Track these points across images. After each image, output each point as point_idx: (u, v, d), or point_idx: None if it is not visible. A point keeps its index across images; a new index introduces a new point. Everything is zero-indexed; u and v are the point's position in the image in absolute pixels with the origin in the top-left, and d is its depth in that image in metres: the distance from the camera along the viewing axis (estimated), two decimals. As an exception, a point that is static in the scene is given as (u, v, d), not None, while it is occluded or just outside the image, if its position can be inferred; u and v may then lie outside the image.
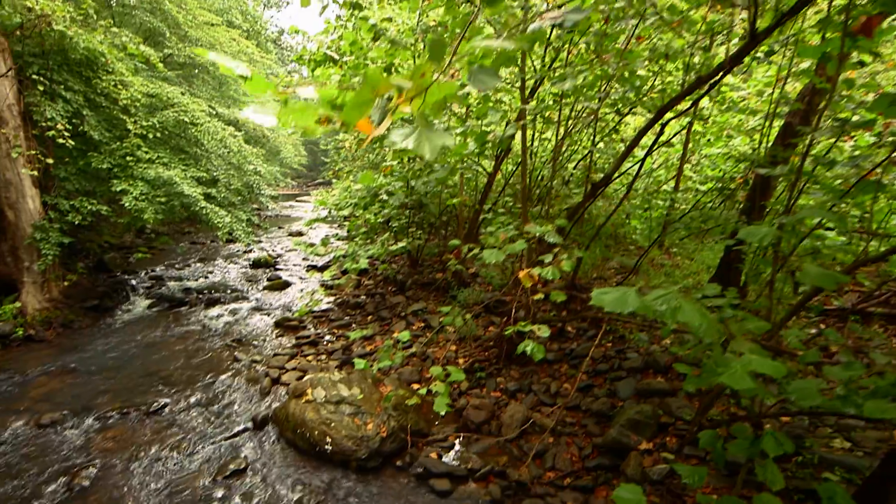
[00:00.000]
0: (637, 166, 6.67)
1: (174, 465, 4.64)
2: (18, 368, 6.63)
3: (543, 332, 2.73)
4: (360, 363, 3.66)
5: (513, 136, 3.47)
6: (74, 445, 4.90)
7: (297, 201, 32.33)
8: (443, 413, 3.23)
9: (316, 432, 4.81)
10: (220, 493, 4.26)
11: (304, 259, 13.78)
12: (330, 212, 8.97)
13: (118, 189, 8.33)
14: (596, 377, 5.56)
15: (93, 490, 4.27)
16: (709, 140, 8.75)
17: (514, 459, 4.68)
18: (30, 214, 7.82)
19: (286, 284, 11.07)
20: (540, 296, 3.40)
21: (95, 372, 6.58)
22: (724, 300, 2.68)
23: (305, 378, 5.49)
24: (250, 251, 14.49)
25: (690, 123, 7.54)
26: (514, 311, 3.51)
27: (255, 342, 7.75)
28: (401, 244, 6.33)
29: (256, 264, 12.73)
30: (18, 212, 7.72)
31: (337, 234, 11.08)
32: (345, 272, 11.65)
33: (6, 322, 7.59)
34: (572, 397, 5.32)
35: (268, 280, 11.36)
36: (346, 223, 9.72)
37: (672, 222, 5.74)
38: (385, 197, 6.17)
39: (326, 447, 4.72)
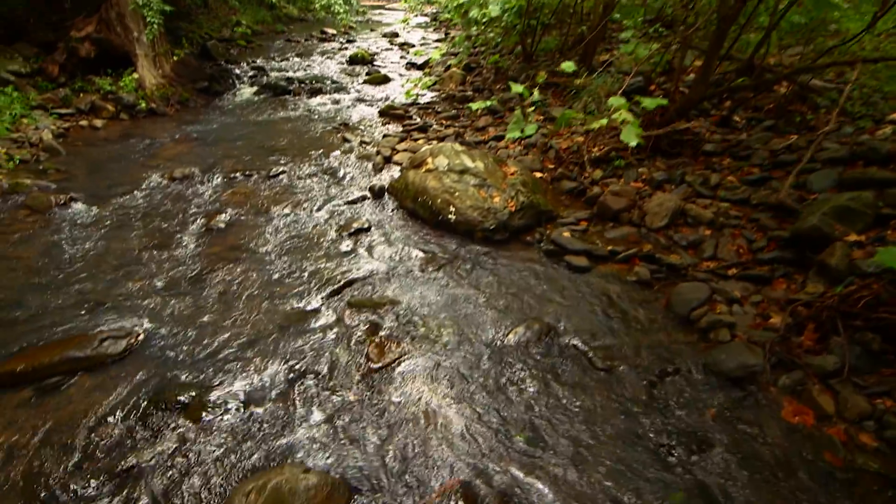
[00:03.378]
0: None
1: (299, 219, 4.61)
2: (146, 135, 6.84)
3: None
4: (516, 87, 2.91)
5: None
6: (206, 196, 5.02)
7: (385, 9, 29.54)
8: (633, 144, 2.53)
9: (438, 200, 4.44)
10: (345, 246, 4.18)
11: (401, 57, 12.64)
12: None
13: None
14: (774, 170, 4.48)
15: (228, 232, 4.38)
16: None
17: (662, 248, 4.06)
18: (127, -26, 7.28)
19: (386, 79, 10.24)
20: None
21: (215, 142, 6.62)
22: None
23: (424, 148, 4.99)
24: (346, 48, 13.51)
25: None
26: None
27: (362, 127, 7.34)
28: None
29: (353, 60, 11.85)
30: (115, -30, 7.19)
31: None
32: (448, 68, 10.51)
33: (129, 93, 7.74)
34: (740, 190, 4.39)
35: (367, 74, 10.59)
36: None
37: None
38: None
39: (450, 216, 4.37)
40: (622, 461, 2.39)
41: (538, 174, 5.47)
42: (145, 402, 2.59)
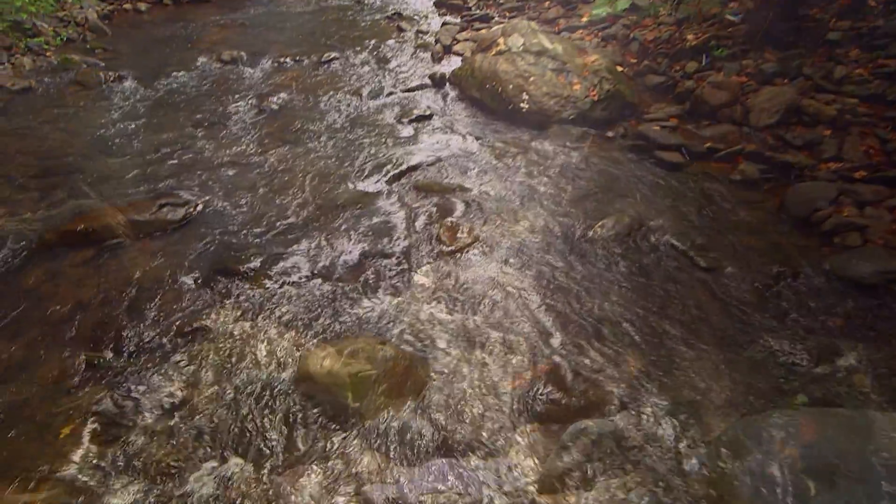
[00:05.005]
0: None
1: (355, 104, 4.24)
2: (191, 20, 6.45)
3: None
4: None
5: None
6: (256, 79, 4.70)
7: None
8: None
9: (510, 86, 3.94)
10: (407, 133, 3.83)
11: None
12: None
13: None
14: (921, 60, 3.71)
15: (282, 113, 4.08)
16: None
17: (769, 148, 3.50)
18: None
19: (441, -30, 9.23)
20: None
21: (261, 28, 6.19)
22: None
23: (495, 27, 4.41)
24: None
25: None
26: None
27: (417, 17, 6.66)
28: None
29: (404, -50, 10.74)
30: None
31: None
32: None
33: (170, -25, 7.25)
34: (872, 84, 3.68)
35: (420, -35, 9.58)
36: None
37: None
38: None
39: (521, 105, 3.89)
40: (729, 362, 2.10)
41: (619, 68, 4.82)
42: (208, 268, 2.45)
